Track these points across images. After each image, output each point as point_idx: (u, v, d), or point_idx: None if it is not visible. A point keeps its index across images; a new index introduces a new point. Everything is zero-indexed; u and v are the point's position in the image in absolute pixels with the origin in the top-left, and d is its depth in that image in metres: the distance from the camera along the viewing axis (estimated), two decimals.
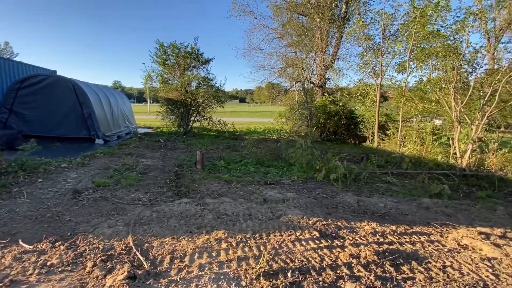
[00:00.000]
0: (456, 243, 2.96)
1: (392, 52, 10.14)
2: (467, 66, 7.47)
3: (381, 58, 10.26)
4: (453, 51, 6.52)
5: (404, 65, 9.84)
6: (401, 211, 3.94)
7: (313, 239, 2.79)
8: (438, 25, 8.26)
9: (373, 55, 10.86)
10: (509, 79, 7.00)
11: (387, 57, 10.48)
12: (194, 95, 12.45)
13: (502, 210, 4.40)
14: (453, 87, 6.69)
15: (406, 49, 8.37)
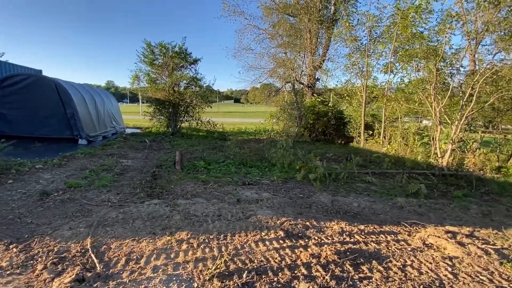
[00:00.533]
0: (421, 242, 2.97)
1: (378, 53, 10.25)
2: (449, 67, 7.60)
3: (367, 59, 10.36)
4: (432, 53, 6.60)
5: (390, 67, 9.95)
6: (374, 211, 3.95)
7: (278, 239, 2.77)
8: (421, 27, 8.38)
9: (360, 56, 10.96)
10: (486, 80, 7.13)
11: (373, 58, 10.60)
12: (182, 95, 12.37)
13: (475, 209, 4.46)
14: (433, 88, 6.77)
15: (390, 50, 8.45)
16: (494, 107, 8.87)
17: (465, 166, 6.61)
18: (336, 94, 13.91)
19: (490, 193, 5.73)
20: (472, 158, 6.40)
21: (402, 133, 9.11)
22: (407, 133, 9.04)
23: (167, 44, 12.23)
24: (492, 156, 9.08)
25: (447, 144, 6.93)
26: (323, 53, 16.19)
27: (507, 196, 5.73)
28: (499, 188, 6.07)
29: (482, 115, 8.91)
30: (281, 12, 15.86)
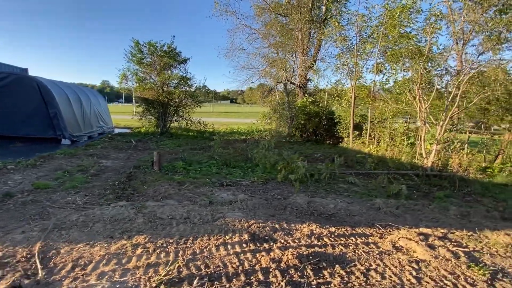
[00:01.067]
0: (391, 245, 2.89)
1: (367, 53, 10.22)
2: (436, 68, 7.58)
3: (356, 59, 10.32)
4: (417, 53, 6.56)
5: (379, 67, 9.92)
6: (350, 212, 3.87)
7: (241, 243, 2.66)
8: (409, 27, 8.35)
9: (349, 56, 10.92)
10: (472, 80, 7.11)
11: (362, 59, 10.56)
12: (171, 94, 12.21)
13: (454, 210, 4.40)
14: (418, 88, 6.73)
15: (380, 50, 8.40)
16: (481, 108, 8.89)
17: (449, 166, 6.57)
18: (329, 95, 13.86)
19: (473, 194, 5.69)
20: (456, 158, 6.36)
21: (391, 134, 9.09)
22: (395, 133, 9.01)
23: (156, 43, 12.09)
24: (479, 157, 9.11)
25: (432, 144, 6.90)
26: (315, 53, 16.16)
27: (490, 196, 5.69)
28: (482, 189, 6.04)
29: (468, 115, 8.91)
30: (272, 11, 15.80)
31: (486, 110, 8.79)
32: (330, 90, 13.33)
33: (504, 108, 8.37)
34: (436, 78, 8.71)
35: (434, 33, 6.30)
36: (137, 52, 12.00)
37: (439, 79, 8.70)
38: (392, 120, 9.94)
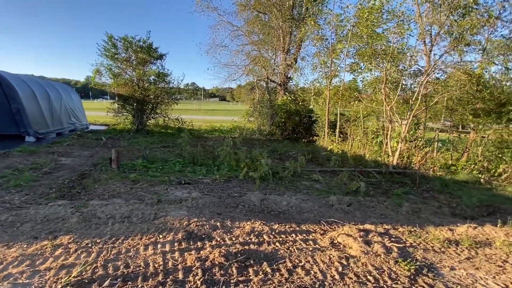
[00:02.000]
0: (329, 242, 2.91)
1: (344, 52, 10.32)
2: (404, 68, 7.75)
3: (331, 58, 10.41)
4: (381, 52, 6.67)
5: (353, 67, 10.06)
6: (302, 209, 3.88)
7: (174, 242, 2.60)
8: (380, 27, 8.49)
9: (326, 55, 11.00)
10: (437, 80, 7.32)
11: (339, 58, 10.66)
12: (147, 90, 11.93)
13: (407, 206, 4.51)
14: (383, 87, 6.86)
15: (346, 50, 8.50)
16: (447, 108, 9.19)
17: (412, 164, 6.75)
18: (308, 93, 13.97)
19: (431, 191, 5.87)
20: (418, 156, 6.53)
21: (364, 132, 9.25)
22: (367, 132, 9.18)
23: (131, 37, 11.75)
24: (447, 155, 9.42)
25: (398, 142, 7.06)
26: (296, 52, 16.22)
27: (447, 193, 5.88)
28: (441, 186, 6.24)
29: (436, 115, 9.18)
30: (253, 9, 15.72)
31: (453, 110, 9.08)
32: (308, 89, 13.43)
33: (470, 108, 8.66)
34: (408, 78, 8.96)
35: (396, 33, 6.42)
36: (111, 47, 11.63)
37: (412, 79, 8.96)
38: (366, 119, 10.12)
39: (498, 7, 8.61)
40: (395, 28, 6.40)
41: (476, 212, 4.75)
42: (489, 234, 3.57)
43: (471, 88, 8.43)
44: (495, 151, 7.75)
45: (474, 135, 8.76)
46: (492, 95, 7.79)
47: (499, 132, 7.71)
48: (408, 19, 6.72)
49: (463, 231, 3.61)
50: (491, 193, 6.13)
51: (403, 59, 6.75)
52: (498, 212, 4.84)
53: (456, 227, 3.75)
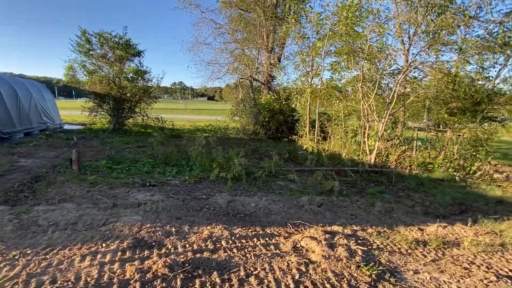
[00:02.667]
0: (292, 246, 2.73)
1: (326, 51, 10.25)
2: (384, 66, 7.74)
3: (312, 57, 10.33)
4: (357, 50, 6.61)
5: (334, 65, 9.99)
6: (270, 211, 3.70)
7: (117, 251, 2.35)
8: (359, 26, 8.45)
9: (307, 54, 10.91)
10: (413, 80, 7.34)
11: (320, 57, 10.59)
12: (124, 88, 11.45)
13: (380, 206, 4.42)
14: (361, 85, 6.81)
15: (323, 48, 8.40)
16: (424, 106, 9.29)
17: (389, 162, 6.73)
18: (284, 92, 13.87)
19: (406, 189, 5.84)
20: (395, 155, 6.51)
21: (346, 131, 9.22)
22: (347, 131, 9.16)
23: (107, 33, 11.24)
24: (425, 153, 9.54)
25: (375, 141, 7.03)
26: (279, 51, 16.11)
27: (422, 191, 5.88)
28: (417, 184, 6.24)
29: (414, 114, 9.26)
30: (236, 7, 15.48)
31: (430, 109, 9.19)
32: (291, 88, 13.32)
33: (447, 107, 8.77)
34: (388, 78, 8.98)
35: (374, 31, 6.37)
36: (85, 43, 11.08)
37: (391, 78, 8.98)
38: (348, 118, 10.11)
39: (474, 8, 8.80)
40: (371, 27, 6.34)
41: (449, 211, 4.73)
42: (458, 233, 3.51)
43: (447, 87, 8.56)
44: (470, 150, 7.87)
45: (451, 134, 8.89)
46: (467, 94, 7.92)
47: (474, 130, 7.83)
48: (387, 18, 6.68)
49: (433, 231, 3.54)
50: (465, 191, 6.18)
51: (381, 57, 6.71)
52: (470, 210, 4.84)
53: (427, 226, 3.67)
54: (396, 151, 6.53)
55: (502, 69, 8.04)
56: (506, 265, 2.66)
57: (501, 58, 8.02)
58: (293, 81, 12.47)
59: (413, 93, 6.73)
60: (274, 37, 15.80)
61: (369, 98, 6.92)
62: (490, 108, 7.38)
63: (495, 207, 5.15)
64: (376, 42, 7.76)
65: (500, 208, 5.08)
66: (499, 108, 7.14)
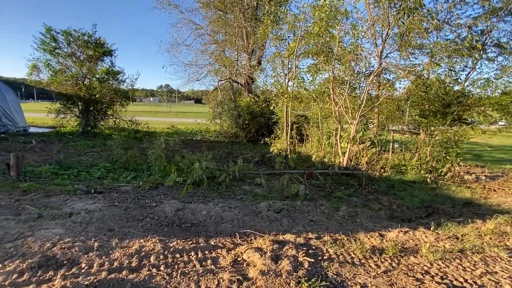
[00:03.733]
0: (232, 260, 2.43)
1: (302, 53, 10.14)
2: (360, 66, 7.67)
3: (288, 59, 10.19)
4: (325, 51, 6.48)
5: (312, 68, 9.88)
6: (222, 219, 3.39)
7: (13, 273, 1.96)
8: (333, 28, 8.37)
9: (284, 55, 10.78)
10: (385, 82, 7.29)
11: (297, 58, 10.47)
12: (92, 89, 10.86)
13: (344, 210, 4.20)
14: (332, 87, 6.67)
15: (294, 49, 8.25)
16: (399, 108, 9.33)
17: (360, 165, 6.59)
18: (262, 93, 13.72)
19: (376, 192, 5.70)
20: (366, 157, 6.39)
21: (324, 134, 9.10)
22: (323, 133, 9.03)
23: (74, 31, 10.66)
24: (400, 155, 9.55)
25: (348, 143, 6.89)
26: (260, 53, 15.95)
27: (392, 194, 5.75)
28: (388, 187, 6.12)
29: (389, 116, 9.27)
30: (214, 8, 15.24)
31: (404, 111, 9.24)
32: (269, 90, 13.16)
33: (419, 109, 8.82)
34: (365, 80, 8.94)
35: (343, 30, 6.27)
36: (50, 41, 10.45)
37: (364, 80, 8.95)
38: (325, 120, 10.00)
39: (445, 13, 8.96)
40: (340, 27, 6.23)
41: (415, 214, 4.59)
42: (419, 239, 3.33)
43: (419, 89, 8.62)
44: (442, 151, 7.90)
45: (424, 136, 8.94)
46: (438, 96, 7.98)
47: (445, 132, 7.88)
48: (360, 20, 6.61)
49: (393, 237, 3.35)
50: (435, 192, 6.11)
51: (350, 58, 6.61)
52: (437, 213, 4.73)
53: (388, 232, 3.48)
54: (367, 153, 6.40)
55: (471, 72, 8.19)
56: (462, 274, 2.47)
57: (470, 61, 8.18)
58: (270, 83, 12.31)
59: (383, 95, 6.64)
60: (255, 39, 15.65)
61: (339, 99, 6.79)
62: (460, 110, 7.44)
63: (462, 209, 5.08)
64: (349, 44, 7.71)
65: (467, 210, 5.01)
66: (467, 109, 7.19)
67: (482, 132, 7.12)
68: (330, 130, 8.58)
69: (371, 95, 9.07)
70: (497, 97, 7.09)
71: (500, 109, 7.00)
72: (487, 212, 4.84)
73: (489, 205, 5.39)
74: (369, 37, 7.48)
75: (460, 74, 8.40)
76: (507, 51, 7.66)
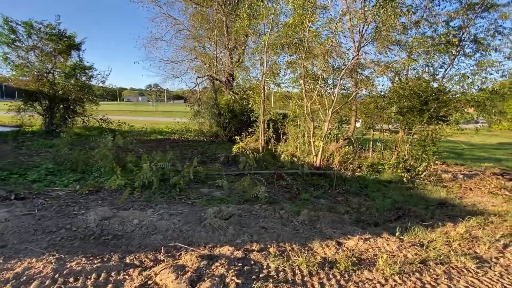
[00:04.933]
0: (141, 283, 1.96)
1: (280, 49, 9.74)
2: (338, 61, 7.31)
3: (265, 54, 9.77)
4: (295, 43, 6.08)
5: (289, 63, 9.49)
6: (154, 229, 2.90)
7: None
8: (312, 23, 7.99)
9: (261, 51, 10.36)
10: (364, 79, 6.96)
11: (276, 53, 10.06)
12: (55, 85, 10.11)
13: (304, 214, 3.79)
14: (303, 82, 6.29)
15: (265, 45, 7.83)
16: (378, 106, 9.06)
17: (332, 164, 6.24)
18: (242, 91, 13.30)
19: (347, 193, 5.32)
20: (338, 156, 6.03)
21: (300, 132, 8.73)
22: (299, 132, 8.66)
23: (36, 22, 9.89)
24: (379, 154, 9.29)
25: (320, 141, 6.53)
26: (241, 49, 15.48)
27: (364, 195, 5.40)
28: (360, 187, 5.77)
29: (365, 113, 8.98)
30: (192, 1, 14.67)
31: (383, 109, 8.97)
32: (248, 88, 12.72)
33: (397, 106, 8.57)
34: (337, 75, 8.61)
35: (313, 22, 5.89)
36: (9, 32, 9.64)
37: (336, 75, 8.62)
38: (304, 118, 9.64)
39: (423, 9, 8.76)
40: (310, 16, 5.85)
41: (384, 217, 4.24)
42: (380, 247, 2.95)
43: (397, 86, 8.37)
44: (420, 149, 7.65)
45: (402, 134, 8.71)
46: (415, 93, 7.73)
47: (422, 130, 7.64)
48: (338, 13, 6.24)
49: (352, 245, 2.95)
50: (410, 192, 5.82)
51: (326, 52, 6.23)
52: (408, 215, 4.38)
53: (347, 239, 3.09)
54: (340, 152, 6.04)
55: (449, 69, 7.99)
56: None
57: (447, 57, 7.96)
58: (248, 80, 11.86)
59: (355, 90, 6.30)
60: (235, 35, 15.17)
61: (312, 95, 6.42)
62: (437, 107, 7.20)
63: (435, 211, 4.78)
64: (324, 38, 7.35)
65: (440, 211, 4.71)
66: (443, 106, 6.95)
67: (458, 130, 6.89)
68: (304, 128, 8.22)
69: (349, 92, 8.77)
70: (473, 94, 6.87)
71: (476, 105, 6.80)
72: (460, 213, 4.55)
73: (464, 206, 5.12)
74: (345, 31, 7.13)
75: (439, 71, 8.21)
76: (484, 47, 7.48)
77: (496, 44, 7.65)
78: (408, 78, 8.12)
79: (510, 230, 3.74)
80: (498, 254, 2.96)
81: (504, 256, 2.92)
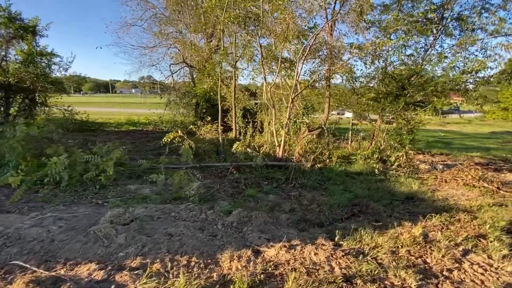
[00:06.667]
0: None
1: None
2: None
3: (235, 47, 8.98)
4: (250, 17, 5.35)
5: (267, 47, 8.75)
6: (15, 239, 2.27)
7: None
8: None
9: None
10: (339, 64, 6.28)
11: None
12: (7, 73, 9.25)
13: (235, 215, 3.17)
14: (262, 63, 5.59)
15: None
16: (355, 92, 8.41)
17: (292, 155, 5.62)
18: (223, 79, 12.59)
19: (303, 187, 4.70)
20: (298, 147, 5.40)
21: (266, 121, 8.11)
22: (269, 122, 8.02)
23: None
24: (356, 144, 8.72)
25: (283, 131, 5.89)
26: (219, 36, 14.59)
27: (322, 189, 4.78)
28: (321, 180, 5.16)
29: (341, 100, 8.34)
30: None
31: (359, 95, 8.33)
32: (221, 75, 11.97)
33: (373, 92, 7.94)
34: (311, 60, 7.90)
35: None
36: None
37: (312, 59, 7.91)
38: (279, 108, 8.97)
39: None
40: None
41: (335, 215, 3.63)
42: (305, 257, 2.36)
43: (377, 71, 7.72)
44: (397, 138, 7.05)
45: (380, 122, 8.11)
46: (391, 77, 7.09)
47: (399, 117, 7.02)
48: None
49: (272, 255, 2.36)
50: (378, 186, 5.22)
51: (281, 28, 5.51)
52: (364, 212, 3.79)
53: (269, 248, 2.49)
54: (301, 142, 5.41)
55: (430, 50, 7.32)
56: None
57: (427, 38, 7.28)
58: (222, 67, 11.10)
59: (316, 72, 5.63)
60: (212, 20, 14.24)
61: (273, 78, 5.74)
62: (412, 91, 6.56)
63: (399, 206, 4.19)
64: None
65: (403, 207, 4.13)
66: (420, 89, 6.31)
67: (436, 116, 6.28)
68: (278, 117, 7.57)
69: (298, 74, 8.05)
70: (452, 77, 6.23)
71: (455, 89, 6.17)
72: (426, 209, 3.98)
73: (433, 200, 4.55)
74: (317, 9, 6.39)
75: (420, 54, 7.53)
76: (467, 24, 6.79)
77: (482, 22, 6.97)
78: (387, 63, 7.45)
79: (477, 230, 3.17)
80: (453, 264, 2.38)
81: (460, 268, 2.35)
